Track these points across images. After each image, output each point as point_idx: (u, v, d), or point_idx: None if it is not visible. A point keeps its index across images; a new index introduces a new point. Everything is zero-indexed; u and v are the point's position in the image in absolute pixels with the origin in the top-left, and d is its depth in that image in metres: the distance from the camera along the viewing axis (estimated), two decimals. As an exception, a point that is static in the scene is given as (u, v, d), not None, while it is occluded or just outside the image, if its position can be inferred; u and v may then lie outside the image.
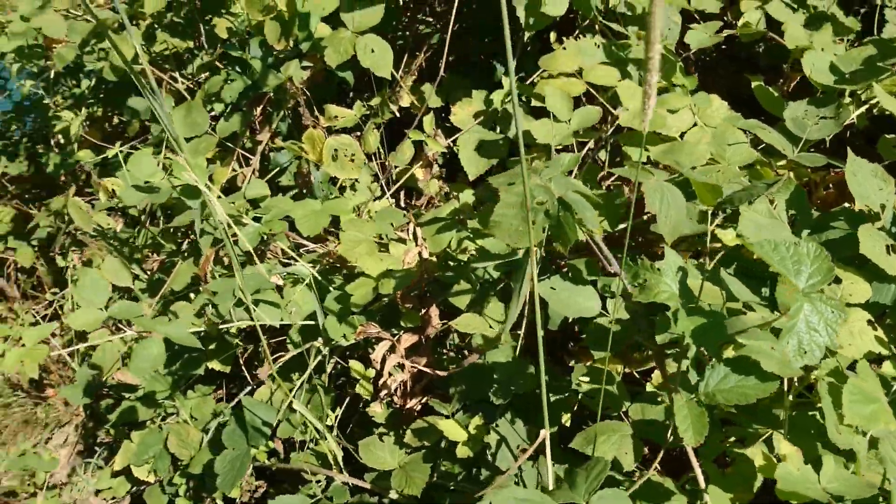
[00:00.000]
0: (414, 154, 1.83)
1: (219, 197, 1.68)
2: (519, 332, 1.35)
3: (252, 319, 1.46)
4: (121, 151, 1.79)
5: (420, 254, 1.48)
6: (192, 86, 2.36)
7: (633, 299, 1.00)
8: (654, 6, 0.66)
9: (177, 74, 2.32)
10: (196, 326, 1.43)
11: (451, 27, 1.51)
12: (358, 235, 1.49)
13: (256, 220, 1.60)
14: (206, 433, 1.82)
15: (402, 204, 1.97)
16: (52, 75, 2.34)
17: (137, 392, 1.88)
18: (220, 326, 1.42)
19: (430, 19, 2.24)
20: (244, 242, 1.47)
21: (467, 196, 1.69)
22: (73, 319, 1.26)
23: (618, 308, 1.32)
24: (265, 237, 1.52)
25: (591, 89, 1.46)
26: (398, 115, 1.86)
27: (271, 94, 1.76)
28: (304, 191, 1.83)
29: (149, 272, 1.84)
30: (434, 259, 1.49)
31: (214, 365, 1.78)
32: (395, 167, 1.86)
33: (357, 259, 1.42)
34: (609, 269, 1.16)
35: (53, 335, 2.74)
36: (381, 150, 1.92)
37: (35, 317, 2.73)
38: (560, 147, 1.39)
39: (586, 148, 1.43)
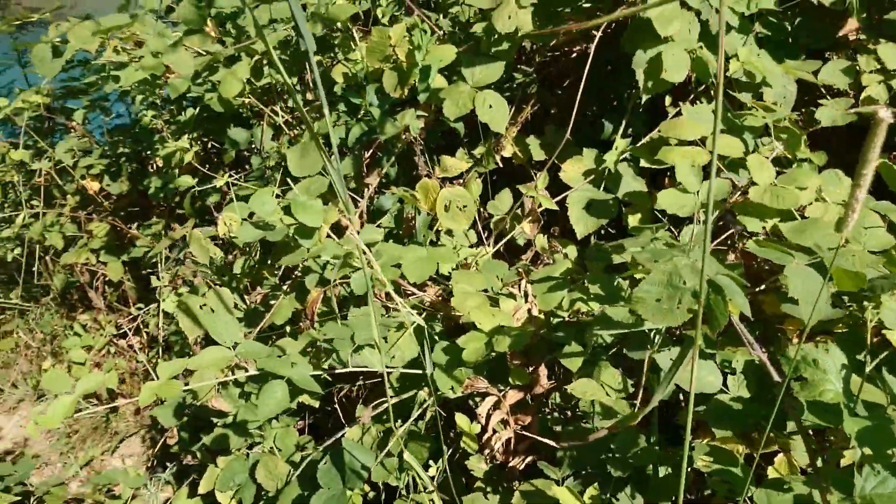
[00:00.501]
0: (512, 204, 1.85)
1: (328, 236, 1.73)
2: (634, 401, 1.34)
3: (361, 364, 1.48)
4: (232, 184, 1.86)
5: (529, 311, 1.49)
6: (290, 119, 2.44)
7: (794, 394, 0.98)
8: (879, 126, 0.67)
9: (277, 108, 2.41)
10: (303, 364, 1.46)
11: (580, 91, 1.53)
12: (467, 288, 1.51)
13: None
14: (292, 465, 1.84)
15: (490, 248, 1.99)
16: (158, 102, 2.46)
17: (227, 419, 1.92)
18: (338, 371, 1.44)
19: (527, 68, 2.28)
20: (358, 286, 1.50)
21: (572, 252, 1.69)
22: (203, 357, 1.30)
23: (740, 386, 1.30)
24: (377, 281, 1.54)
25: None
26: (499, 164, 1.89)
27: (382, 140, 1.80)
28: (403, 234, 1.86)
29: (252, 303, 1.89)
30: (542, 317, 1.50)
31: (304, 399, 1.81)
32: (491, 215, 1.89)
33: (469, 312, 1.44)
34: (751, 352, 1.15)
35: (133, 348, 2.83)
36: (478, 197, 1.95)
37: (121, 328, 2.82)
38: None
39: (713, 219, 1.42)
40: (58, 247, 2.69)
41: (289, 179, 1.71)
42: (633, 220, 1.67)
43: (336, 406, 2.06)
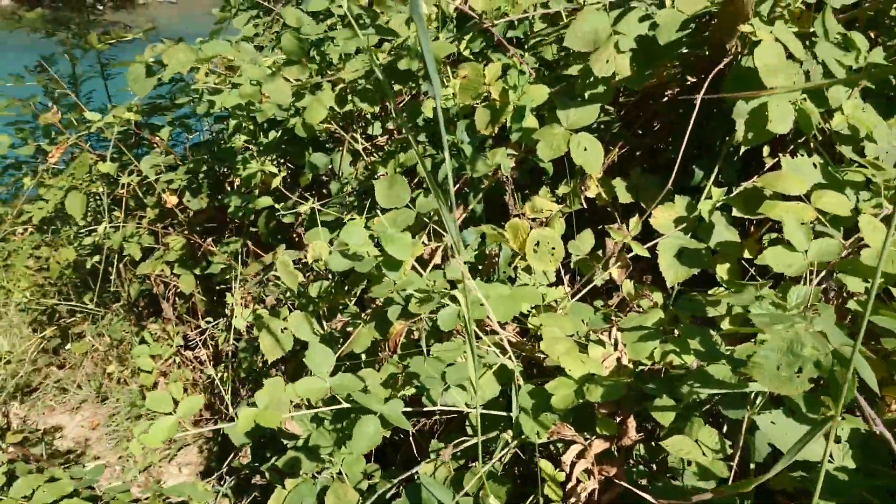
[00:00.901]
0: (594, 245, 1.84)
1: (412, 268, 1.74)
2: (731, 463, 1.30)
3: (449, 402, 1.48)
4: (318, 209, 1.90)
5: (619, 359, 1.47)
6: (369, 147, 2.49)
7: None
8: None
9: (357, 135, 2.46)
10: (395, 400, 1.46)
11: (685, 140, 1.52)
12: (556, 332, 1.50)
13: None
14: (359, 493, 1.84)
15: (567, 287, 1.97)
16: (250, 126, 2.54)
17: (298, 441, 1.94)
18: (426, 409, 1.45)
19: (610, 108, 2.27)
20: (446, 322, 1.51)
21: (658, 298, 1.67)
22: (300, 387, 1.33)
23: (845, 455, 1.25)
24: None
25: (819, 216, 1.43)
26: (584, 204, 1.88)
27: (469, 176, 1.82)
28: (484, 270, 1.87)
29: (329, 329, 1.92)
30: (631, 366, 1.48)
31: (376, 428, 1.81)
32: (569, 255, 1.88)
33: (559, 358, 1.42)
34: (874, 428, 1.10)
35: (199, 360, 2.90)
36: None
37: (189, 340, 2.90)
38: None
39: (817, 279, 1.39)
40: (135, 257, 2.79)
41: (378, 211, 1.74)
42: (721, 270, 1.64)
43: (403, 436, 2.06)
